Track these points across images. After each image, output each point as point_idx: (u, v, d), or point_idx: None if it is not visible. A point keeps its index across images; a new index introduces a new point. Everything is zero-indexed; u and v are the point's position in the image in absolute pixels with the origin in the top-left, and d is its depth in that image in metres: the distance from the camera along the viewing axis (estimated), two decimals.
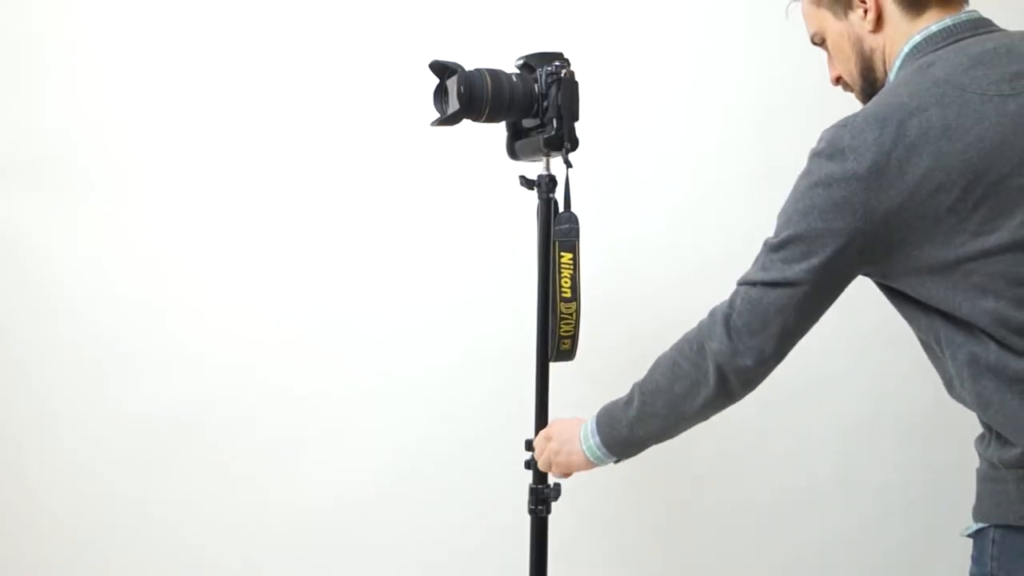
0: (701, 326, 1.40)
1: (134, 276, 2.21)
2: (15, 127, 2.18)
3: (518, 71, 1.67)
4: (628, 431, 1.47)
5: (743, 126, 2.46)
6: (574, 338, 1.65)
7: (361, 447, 2.28)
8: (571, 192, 1.65)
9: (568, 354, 1.66)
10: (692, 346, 1.39)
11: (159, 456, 2.21)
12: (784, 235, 1.30)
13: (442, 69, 1.63)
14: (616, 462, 1.54)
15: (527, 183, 1.68)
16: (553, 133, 1.62)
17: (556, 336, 1.64)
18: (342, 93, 2.29)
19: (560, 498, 1.70)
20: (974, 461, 1.36)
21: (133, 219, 2.22)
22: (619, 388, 2.33)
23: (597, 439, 1.51)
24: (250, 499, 2.24)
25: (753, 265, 1.36)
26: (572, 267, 1.63)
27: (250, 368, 2.24)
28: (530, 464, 1.68)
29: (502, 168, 1.78)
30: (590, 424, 1.53)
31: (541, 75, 1.64)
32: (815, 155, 1.29)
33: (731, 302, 1.35)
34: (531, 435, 1.69)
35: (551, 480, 1.68)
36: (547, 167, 1.67)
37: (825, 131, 1.30)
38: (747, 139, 2.46)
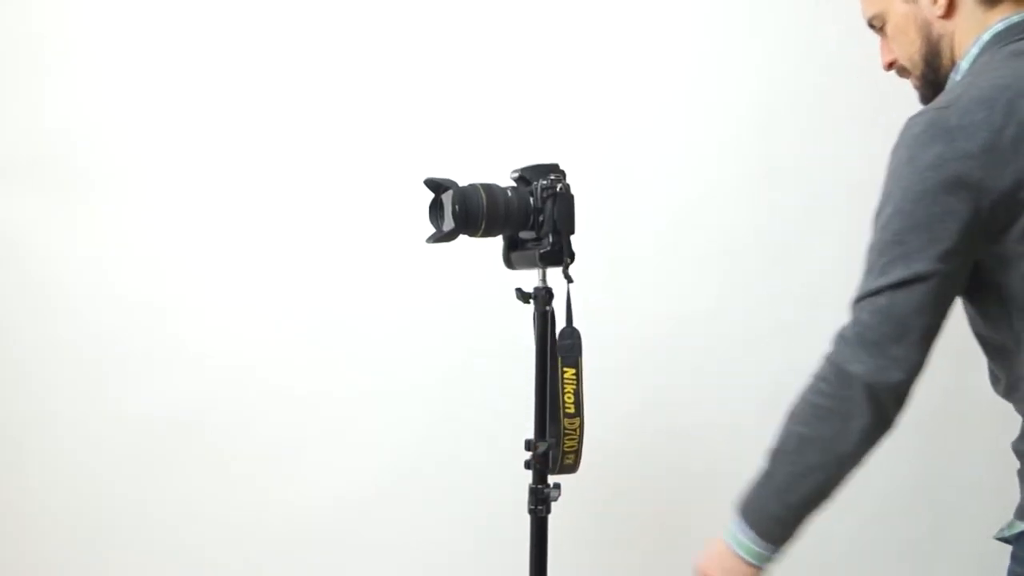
0: (830, 358, 1.27)
1: (134, 276, 2.21)
2: (15, 127, 2.18)
3: (514, 183, 1.66)
4: (780, 504, 1.31)
5: (743, 126, 2.46)
6: (578, 452, 1.63)
7: (361, 447, 2.28)
8: (572, 306, 1.62)
9: (572, 467, 1.64)
10: (828, 380, 1.26)
11: (159, 456, 2.21)
12: (896, 228, 1.22)
13: (436, 186, 1.62)
14: (777, 551, 1.36)
15: (523, 296, 1.66)
16: (549, 248, 1.60)
17: (560, 451, 1.62)
18: (340, 89, 2.29)
19: (560, 498, 1.70)
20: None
21: (133, 219, 2.22)
22: (618, 388, 2.34)
23: (750, 533, 1.33)
24: (250, 499, 2.24)
25: (867, 276, 1.26)
26: (575, 382, 1.61)
27: (250, 368, 2.24)
28: (530, 464, 1.68)
29: (501, 167, 1.78)
30: (733, 526, 1.36)
31: (536, 189, 1.62)
32: (914, 140, 1.23)
33: (856, 320, 1.25)
34: (531, 435, 1.69)
35: (551, 480, 1.68)
36: (543, 279, 1.65)
37: (915, 118, 1.25)
38: (747, 139, 2.46)
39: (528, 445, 1.69)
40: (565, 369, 1.61)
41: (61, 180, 2.19)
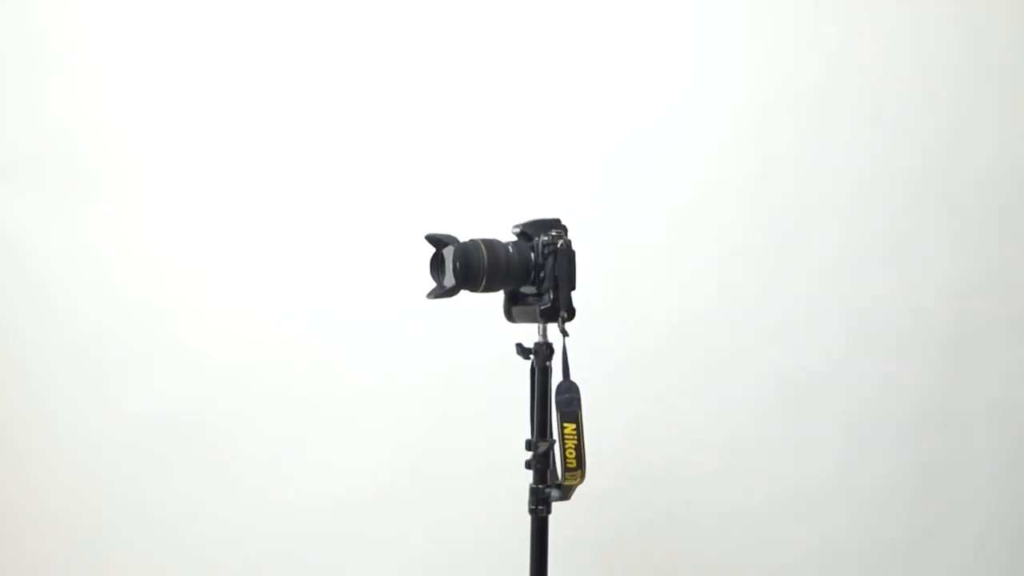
0: None
1: (134, 276, 2.21)
2: (15, 127, 2.18)
3: (515, 238, 1.67)
4: None
5: (743, 126, 2.46)
6: (574, 488, 1.66)
7: (361, 447, 2.28)
8: (569, 361, 1.62)
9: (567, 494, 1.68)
10: None
11: (159, 456, 2.21)
12: None
13: (437, 242, 1.62)
14: None
15: (523, 352, 1.66)
16: (549, 305, 1.61)
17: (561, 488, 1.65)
18: (340, 87, 2.29)
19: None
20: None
21: (133, 219, 2.22)
22: (618, 388, 2.34)
23: None
24: (250, 499, 2.24)
25: None
26: (576, 437, 1.60)
27: (250, 368, 2.24)
28: (530, 464, 1.68)
29: (501, 165, 1.78)
30: None
31: (538, 244, 1.62)
32: None
33: None
34: (531, 435, 1.69)
35: (551, 479, 1.68)
36: (544, 334, 1.65)
37: None
38: (747, 139, 2.46)
39: (528, 445, 1.69)
40: (565, 425, 1.60)
41: (61, 180, 2.19)
